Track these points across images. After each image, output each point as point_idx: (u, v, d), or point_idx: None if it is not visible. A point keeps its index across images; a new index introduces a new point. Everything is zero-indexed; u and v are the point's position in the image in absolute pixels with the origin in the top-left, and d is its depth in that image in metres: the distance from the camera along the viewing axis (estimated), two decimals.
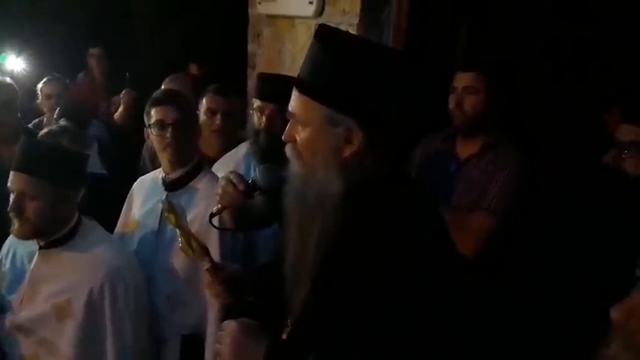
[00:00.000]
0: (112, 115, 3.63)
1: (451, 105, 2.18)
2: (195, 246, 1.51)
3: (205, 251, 1.51)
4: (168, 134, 1.96)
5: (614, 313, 0.89)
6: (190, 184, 2.04)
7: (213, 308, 1.91)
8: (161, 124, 1.98)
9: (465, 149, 2.19)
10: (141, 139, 2.92)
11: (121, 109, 3.48)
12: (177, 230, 1.54)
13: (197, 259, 1.54)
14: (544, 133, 2.64)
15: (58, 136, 2.59)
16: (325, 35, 1.20)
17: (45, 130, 2.67)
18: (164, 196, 2.02)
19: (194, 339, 1.99)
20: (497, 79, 2.15)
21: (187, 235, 1.53)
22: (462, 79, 2.16)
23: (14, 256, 1.96)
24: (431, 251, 1.18)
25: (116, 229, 2.17)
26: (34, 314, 1.83)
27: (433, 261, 1.17)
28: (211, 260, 1.50)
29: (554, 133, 2.65)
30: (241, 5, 3.26)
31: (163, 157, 2.04)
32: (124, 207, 2.18)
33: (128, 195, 2.19)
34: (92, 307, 1.81)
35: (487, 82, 2.12)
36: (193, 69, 4.28)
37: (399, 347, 1.12)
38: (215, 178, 1.98)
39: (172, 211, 1.53)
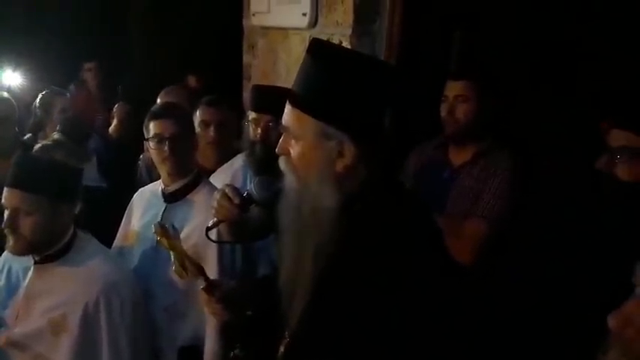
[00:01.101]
0: (108, 128, 3.64)
1: (443, 113, 2.19)
2: (189, 266, 1.51)
3: (200, 270, 1.51)
4: (166, 147, 1.99)
5: (611, 321, 0.89)
6: (189, 195, 2.06)
7: (211, 320, 1.91)
8: (159, 138, 2.01)
9: (458, 157, 2.21)
10: (137, 152, 2.94)
11: (115, 122, 3.49)
12: (171, 253, 1.54)
13: (192, 279, 1.54)
14: (539, 138, 2.66)
15: (52, 150, 2.61)
16: (318, 49, 1.22)
17: (39, 145, 2.68)
18: (163, 209, 2.05)
19: (191, 351, 1.99)
20: (488, 87, 2.17)
21: (181, 256, 1.52)
22: (453, 88, 2.18)
23: (9, 271, 1.96)
24: (427, 262, 1.19)
25: (115, 242, 2.18)
26: (30, 329, 1.83)
27: (429, 272, 1.18)
28: (207, 279, 1.50)
29: (549, 138, 2.67)
30: (236, 17, 3.29)
31: (162, 170, 2.06)
32: (124, 219, 2.20)
33: (128, 207, 2.20)
34: (88, 321, 1.81)
35: (478, 90, 2.14)
36: (192, 81, 4.29)
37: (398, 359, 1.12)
38: (214, 189, 1.99)
39: (164, 234, 1.53)
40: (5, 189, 1.80)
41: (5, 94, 2.81)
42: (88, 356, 1.82)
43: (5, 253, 1.96)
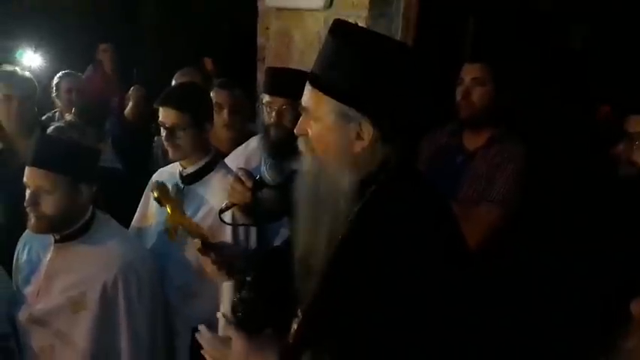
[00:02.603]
0: (124, 110, 3.66)
1: (458, 97, 2.17)
2: (188, 226, 1.50)
3: (197, 230, 1.51)
4: (165, 135, 2.02)
5: (635, 307, 0.88)
6: (206, 177, 2.07)
7: None
8: (162, 126, 2.04)
9: (472, 142, 2.19)
10: (152, 134, 2.96)
11: (130, 105, 3.51)
12: (167, 208, 1.52)
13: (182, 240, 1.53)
14: (550, 124, 2.63)
15: (65, 131, 2.63)
16: (340, 31, 1.21)
17: (52, 127, 2.71)
18: (181, 190, 2.07)
19: None
20: (504, 71, 2.14)
21: (177, 216, 1.51)
22: (470, 71, 2.15)
23: (30, 249, 2.00)
24: (441, 246, 1.19)
25: (133, 222, 2.21)
26: (50, 307, 1.87)
27: (443, 256, 1.18)
28: (204, 239, 1.50)
29: (560, 125, 2.64)
30: None
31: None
32: (142, 199, 2.22)
33: (146, 188, 2.23)
34: (106, 300, 1.84)
35: (494, 74, 2.12)
36: (208, 64, 4.29)
37: (409, 343, 1.13)
38: (230, 172, 2.01)
39: (163, 193, 1.52)
40: (27, 168, 1.83)
41: (28, 74, 2.84)
42: (107, 334, 1.86)
43: (26, 232, 2.00)
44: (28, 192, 1.83)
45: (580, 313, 1.73)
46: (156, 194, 1.55)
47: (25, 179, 1.83)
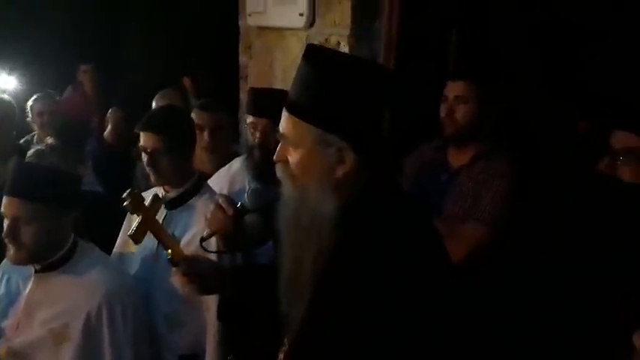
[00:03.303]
0: (104, 132, 3.61)
1: (442, 114, 2.17)
2: (157, 231, 1.45)
3: (169, 240, 1.46)
4: (146, 161, 2.00)
5: (637, 340, 0.86)
6: (190, 202, 2.05)
7: (211, 329, 1.90)
8: (144, 150, 2.01)
9: (457, 159, 2.19)
10: (132, 157, 2.92)
11: (109, 127, 3.47)
12: (138, 218, 1.47)
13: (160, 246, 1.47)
14: (537, 140, 2.64)
15: (46, 155, 2.58)
16: (314, 56, 1.20)
17: (33, 150, 2.66)
18: (163, 215, 2.04)
19: (191, 359, 1.97)
20: (488, 88, 2.15)
21: (148, 224, 1.46)
22: (453, 89, 2.15)
23: (9, 280, 1.94)
24: (426, 266, 1.17)
25: (115, 247, 2.17)
26: (31, 339, 1.81)
27: (429, 276, 1.17)
28: (175, 251, 1.45)
29: (547, 140, 2.66)
30: (232, 17, 3.26)
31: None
32: (124, 224, 2.18)
33: (128, 213, 2.16)
34: (90, 331, 1.79)
35: (478, 91, 2.12)
36: (187, 82, 4.27)
37: None
38: (214, 195, 1.99)
39: (136, 202, 1.46)
40: (4, 197, 1.77)
41: (6, 97, 2.79)
42: None
43: (5, 262, 1.94)
44: (6, 222, 1.76)
45: (577, 317, 1.72)
46: (127, 202, 1.48)
47: (2, 209, 1.77)
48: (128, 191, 1.49)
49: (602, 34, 2.82)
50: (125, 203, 1.48)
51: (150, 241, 2.00)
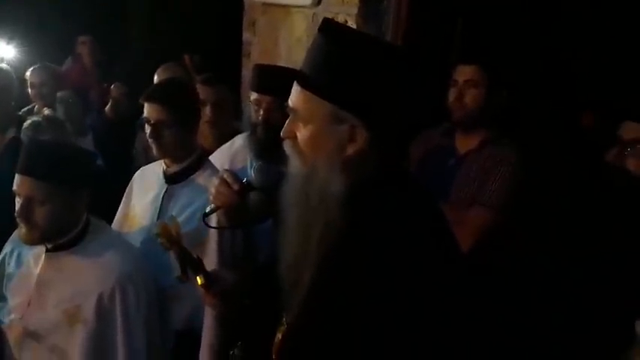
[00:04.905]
0: (105, 106, 3.57)
1: (451, 98, 2.16)
2: (188, 263, 1.50)
3: (199, 266, 1.50)
4: (149, 132, 1.96)
5: None
6: (191, 177, 2.03)
7: (209, 311, 1.88)
8: (147, 121, 1.98)
9: (465, 144, 2.18)
10: (134, 131, 2.89)
11: (110, 102, 3.43)
12: (170, 253, 1.52)
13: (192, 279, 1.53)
14: (542, 128, 2.63)
15: (43, 127, 2.55)
16: (330, 30, 1.18)
17: (29, 121, 2.62)
18: (164, 190, 2.02)
19: (188, 334, 1.97)
20: (498, 73, 2.13)
21: (180, 253, 1.50)
22: (463, 73, 2.13)
23: (19, 256, 1.90)
24: (433, 251, 1.17)
25: (114, 222, 2.15)
26: (46, 321, 1.79)
27: (435, 261, 1.16)
28: (205, 275, 1.49)
29: (553, 128, 2.64)
30: None
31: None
32: (124, 198, 2.16)
33: (128, 186, 2.17)
34: (102, 313, 1.77)
35: (488, 76, 2.11)
36: (188, 58, 4.21)
37: (404, 347, 1.11)
38: (216, 171, 1.97)
39: (166, 234, 1.51)
40: (17, 176, 1.72)
41: (4, 66, 2.73)
42: (103, 347, 1.78)
43: (14, 236, 1.91)
44: (18, 201, 1.72)
45: (576, 315, 1.72)
46: (162, 239, 1.53)
47: (15, 187, 1.73)
48: (160, 223, 1.51)
49: (611, 22, 2.79)
50: (159, 239, 1.51)
51: (149, 214, 2.00)
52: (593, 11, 2.75)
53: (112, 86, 3.43)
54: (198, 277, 1.49)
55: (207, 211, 1.59)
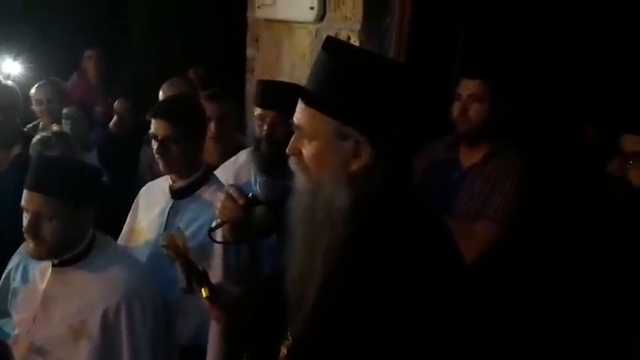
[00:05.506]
0: (109, 119, 3.59)
1: (455, 112, 2.17)
2: (194, 275, 1.51)
3: (204, 279, 1.51)
4: (157, 148, 1.98)
5: None
6: (197, 192, 2.04)
7: (215, 324, 1.88)
8: (154, 137, 2.00)
9: (469, 157, 2.19)
10: (138, 146, 2.90)
11: (115, 118, 3.45)
12: (176, 263, 1.53)
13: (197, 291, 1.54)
14: (546, 140, 2.63)
15: (51, 143, 2.57)
16: (333, 48, 1.19)
17: (37, 137, 2.64)
18: (170, 205, 2.04)
19: (193, 349, 1.97)
20: (502, 87, 2.14)
21: (186, 266, 1.52)
22: (467, 87, 2.15)
23: (25, 271, 1.91)
24: (437, 267, 1.17)
25: (121, 236, 2.16)
26: (51, 335, 1.78)
27: (439, 277, 1.16)
28: (210, 288, 1.50)
29: (556, 140, 2.64)
30: (239, 9, 3.24)
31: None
32: (130, 213, 2.17)
33: (134, 201, 2.18)
34: (108, 328, 1.76)
35: (492, 90, 2.12)
36: (192, 73, 4.24)
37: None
38: (222, 186, 1.98)
39: (172, 245, 1.53)
40: (26, 192, 1.73)
41: (10, 83, 2.75)
42: None
43: (20, 250, 1.91)
44: (26, 216, 1.73)
45: (581, 324, 1.72)
46: (168, 250, 1.55)
47: (23, 203, 1.74)
48: (167, 234, 1.54)
49: (609, 33, 2.81)
50: (165, 250, 1.53)
51: (155, 229, 2.01)
52: (595, 17, 2.76)
53: (116, 102, 3.45)
54: (202, 290, 1.50)
55: (213, 225, 1.59)
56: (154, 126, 2.00)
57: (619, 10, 2.69)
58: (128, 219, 2.17)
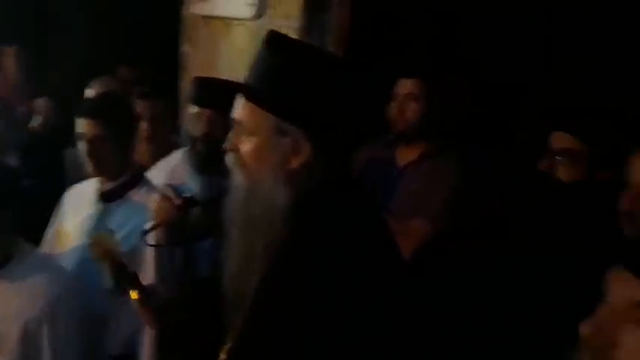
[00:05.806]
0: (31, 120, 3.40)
1: (392, 111, 2.19)
2: (123, 276, 1.46)
3: (134, 280, 1.47)
4: (85, 149, 1.90)
5: (583, 329, 0.89)
6: (127, 195, 1.96)
7: (147, 330, 1.81)
8: (82, 137, 1.92)
9: (405, 156, 2.22)
10: (63, 147, 2.77)
11: (39, 118, 3.28)
12: (105, 264, 1.48)
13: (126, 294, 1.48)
14: (485, 136, 2.70)
15: None
16: (274, 43, 1.18)
17: None
18: (98, 208, 1.95)
19: (125, 359, 1.88)
20: (438, 87, 2.18)
21: (114, 266, 1.46)
22: (404, 86, 2.18)
23: None
24: (377, 263, 1.17)
25: (45, 242, 2.05)
26: None
27: (378, 272, 1.16)
28: (141, 289, 1.45)
29: (494, 137, 2.72)
30: (174, 4, 3.15)
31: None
32: (53, 217, 2.08)
33: (58, 205, 2.09)
34: (28, 341, 1.66)
35: (429, 90, 2.15)
36: (124, 71, 4.08)
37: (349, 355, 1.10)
38: (153, 189, 1.92)
39: (100, 244, 1.48)
40: None
41: None
42: None
43: None
44: None
45: (514, 314, 1.76)
46: (95, 248, 1.50)
47: None
48: (96, 234, 1.50)
49: (544, 35, 2.91)
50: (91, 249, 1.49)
51: (81, 235, 1.91)
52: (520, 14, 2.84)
53: (38, 101, 3.28)
54: (132, 292, 1.46)
55: (146, 228, 1.53)
56: (82, 125, 1.91)
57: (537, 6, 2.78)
58: (52, 222, 2.06)
